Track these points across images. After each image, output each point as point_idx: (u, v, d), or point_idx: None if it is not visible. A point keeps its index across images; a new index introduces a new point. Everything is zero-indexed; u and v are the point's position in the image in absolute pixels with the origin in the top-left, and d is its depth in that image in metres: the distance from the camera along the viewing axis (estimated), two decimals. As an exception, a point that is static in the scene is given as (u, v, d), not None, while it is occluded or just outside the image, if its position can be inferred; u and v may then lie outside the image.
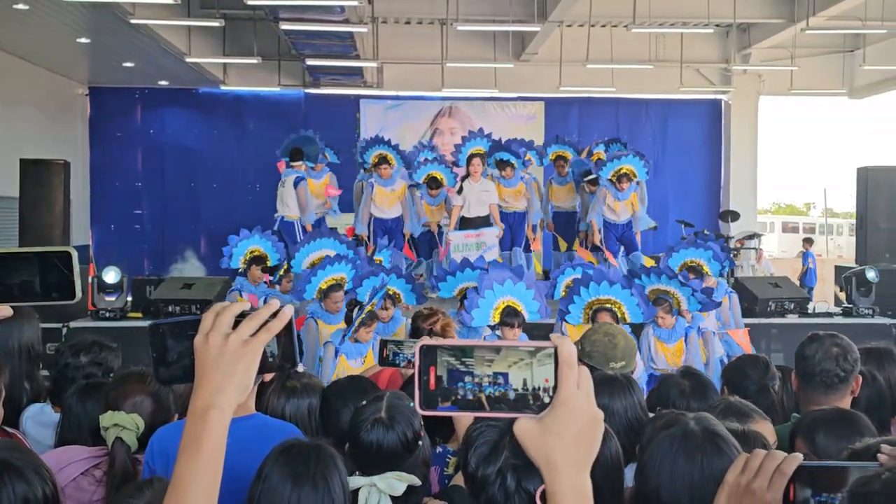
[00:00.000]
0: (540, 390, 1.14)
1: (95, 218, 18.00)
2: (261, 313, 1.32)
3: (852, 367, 3.24)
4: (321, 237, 8.41)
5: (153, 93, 18.15)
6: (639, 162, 10.84)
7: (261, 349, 1.31)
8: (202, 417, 1.28)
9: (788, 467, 1.37)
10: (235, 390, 1.30)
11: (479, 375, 1.13)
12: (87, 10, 12.07)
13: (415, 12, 16.34)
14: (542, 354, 1.14)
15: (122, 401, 2.87)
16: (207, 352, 1.29)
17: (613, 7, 15.51)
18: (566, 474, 1.17)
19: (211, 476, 1.29)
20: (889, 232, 12.34)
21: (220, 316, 1.31)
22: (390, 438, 2.50)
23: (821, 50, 18.12)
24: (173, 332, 1.36)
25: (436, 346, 1.15)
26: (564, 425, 1.15)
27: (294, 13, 11.88)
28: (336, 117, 17.51)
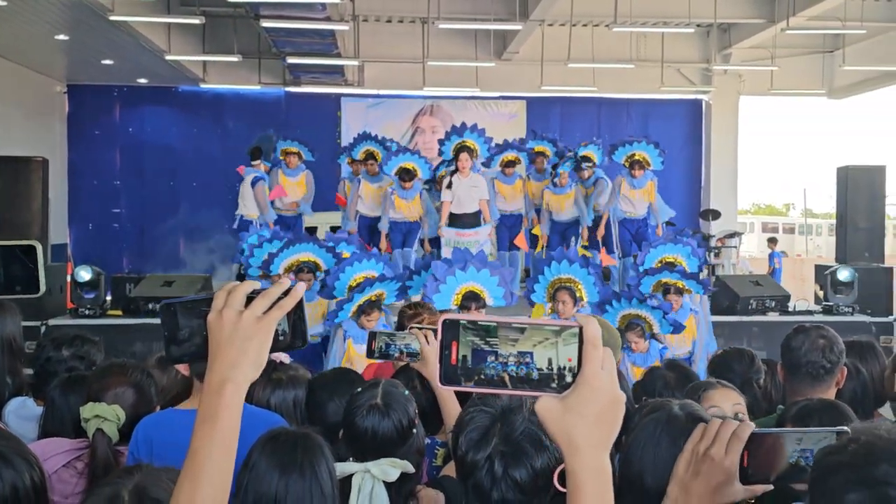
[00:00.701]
0: (565, 370, 1.14)
1: (74, 216, 17.86)
2: (272, 291, 1.34)
3: (838, 358, 3.27)
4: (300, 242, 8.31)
5: (132, 90, 18.04)
6: (653, 150, 10.75)
7: (273, 326, 1.33)
8: (218, 392, 1.31)
9: (743, 433, 1.42)
10: (251, 366, 1.32)
11: (504, 355, 1.13)
12: (65, 7, 11.97)
13: (396, 10, 16.32)
14: (567, 334, 1.13)
15: (103, 392, 2.87)
16: (222, 328, 1.31)
17: (595, 6, 15.56)
18: (587, 454, 1.17)
19: (227, 449, 1.31)
20: (868, 231, 12.42)
21: (233, 294, 1.33)
22: (385, 425, 2.50)
23: (801, 50, 18.25)
24: (184, 311, 1.37)
25: (458, 320, 1.14)
26: (587, 404, 1.15)
27: (275, 11, 11.85)
28: (317, 116, 17.47)
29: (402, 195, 10.65)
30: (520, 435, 1.82)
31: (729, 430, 1.44)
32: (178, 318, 1.37)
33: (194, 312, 1.36)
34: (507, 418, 1.84)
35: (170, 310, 1.37)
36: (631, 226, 10.85)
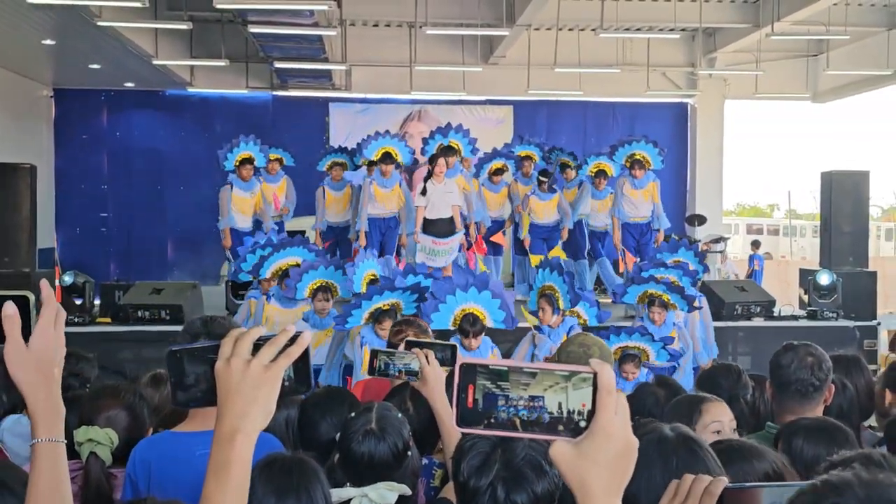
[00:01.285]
0: (574, 413, 1.16)
1: (61, 221, 17.80)
2: (279, 339, 1.36)
3: (826, 375, 3.31)
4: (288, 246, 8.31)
5: (119, 95, 17.98)
6: (653, 149, 10.73)
7: (281, 374, 1.35)
8: (229, 441, 1.33)
9: (716, 489, 1.42)
10: (260, 414, 1.34)
11: (515, 399, 1.15)
12: (52, 12, 11.94)
13: (383, 15, 16.34)
14: (577, 378, 1.16)
15: (96, 415, 2.88)
16: (230, 377, 1.33)
17: (581, 11, 15.63)
18: (600, 499, 1.18)
19: (239, 497, 1.33)
20: (852, 235, 12.51)
21: (240, 342, 1.35)
22: (382, 449, 2.54)
23: (785, 54, 18.37)
24: (191, 358, 1.39)
25: (475, 364, 1.16)
26: (601, 451, 1.16)
27: (263, 16, 11.84)
28: (304, 120, 17.48)
29: (382, 183, 10.43)
30: (521, 461, 1.86)
31: (702, 487, 1.44)
32: (184, 364, 1.39)
33: (201, 359, 1.38)
34: (507, 444, 1.88)
35: (176, 356, 1.39)
36: (635, 230, 10.81)
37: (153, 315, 9.52)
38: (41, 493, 1.49)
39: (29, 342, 1.49)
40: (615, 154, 10.84)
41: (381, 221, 10.64)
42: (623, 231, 10.84)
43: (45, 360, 1.52)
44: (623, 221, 10.85)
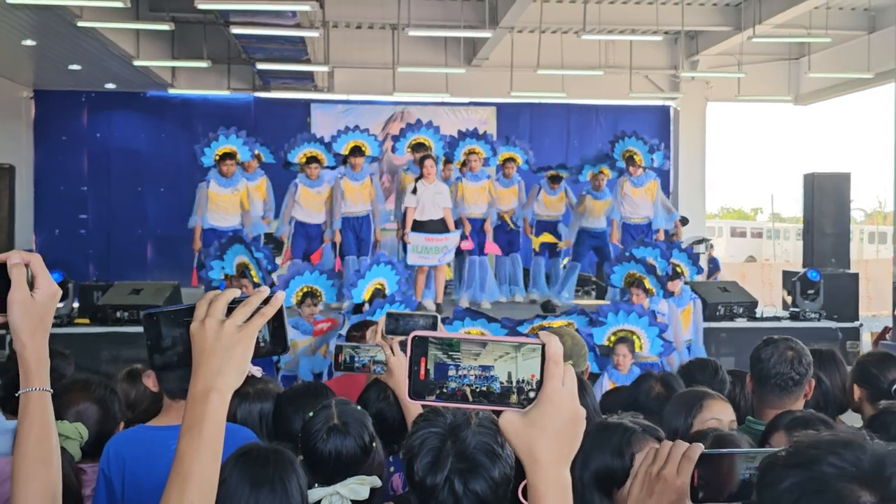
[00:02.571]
0: (524, 384, 1.18)
1: (40, 222, 17.66)
2: (252, 300, 1.38)
3: (806, 370, 3.30)
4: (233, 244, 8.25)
5: (100, 96, 17.87)
6: (643, 146, 10.70)
7: (255, 334, 1.37)
8: (203, 399, 1.34)
9: (694, 454, 1.46)
10: (234, 374, 1.36)
11: (466, 368, 1.16)
12: (32, 12, 11.85)
13: (366, 17, 16.30)
14: (526, 349, 1.17)
15: (65, 409, 2.86)
16: (204, 337, 1.35)
17: (564, 14, 15.66)
18: (548, 468, 1.21)
19: (212, 456, 1.34)
20: (835, 237, 12.59)
21: (214, 303, 1.37)
22: (349, 444, 2.51)
23: (767, 57, 18.45)
24: (167, 320, 1.41)
25: (427, 337, 1.18)
26: (549, 420, 1.19)
27: (245, 17, 11.79)
28: (286, 121, 17.40)
29: (353, 177, 10.29)
30: (473, 449, 1.85)
31: (680, 451, 1.48)
32: (161, 327, 1.40)
33: (177, 322, 1.39)
34: (456, 435, 1.87)
35: (152, 319, 1.41)
36: (635, 232, 10.70)
37: (132, 316, 9.45)
38: (33, 441, 1.51)
39: (33, 290, 1.50)
40: (614, 149, 10.83)
41: (354, 221, 10.49)
42: (623, 232, 10.78)
43: (48, 309, 1.53)
44: (623, 222, 10.81)
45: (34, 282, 1.51)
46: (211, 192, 10.18)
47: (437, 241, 9.98)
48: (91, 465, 2.82)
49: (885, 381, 3.50)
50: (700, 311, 8.94)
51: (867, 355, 3.78)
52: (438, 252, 10.00)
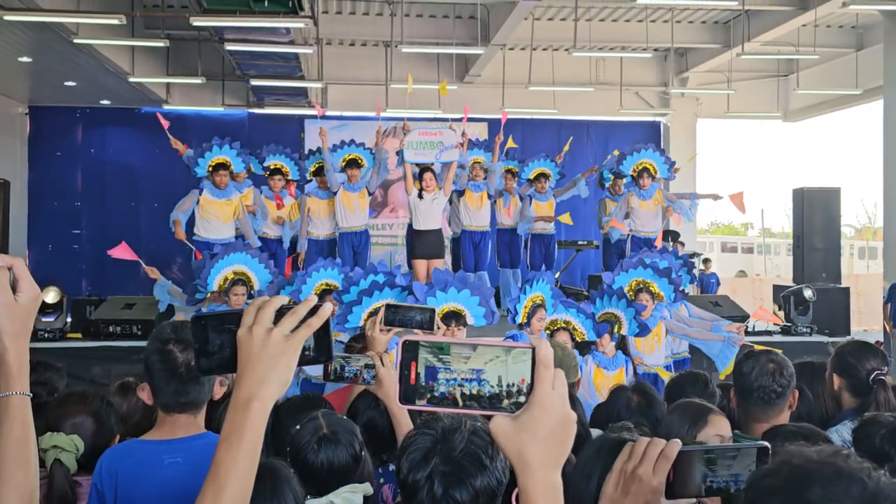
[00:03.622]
0: (514, 388, 1.17)
1: (33, 238, 17.67)
2: (300, 309, 1.38)
3: (788, 381, 3.31)
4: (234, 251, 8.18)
5: (95, 112, 17.92)
6: (659, 157, 10.71)
7: (301, 344, 1.37)
8: (245, 407, 1.34)
9: (672, 452, 1.44)
10: (278, 383, 1.35)
11: (455, 371, 1.16)
12: (29, 29, 11.92)
13: (360, 34, 16.42)
14: (516, 352, 1.17)
15: (61, 421, 2.84)
16: (251, 344, 1.34)
17: (555, 31, 15.81)
18: (538, 472, 1.20)
19: (250, 464, 1.34)
20: (825, 251, 12.65)
21: (262, 310, 1.37)
22: (340, 454, 2.51)
23: (756, 74, 18.60)
24: (215, 325, 1.41)
25: (417, 341, 1.17)
26: (539, 424, 1.18)
27: (239, 34, 11.87)
28: (280, 137, 17.38)
29: (349, 188, 10.32)
30: (460, 454, 1.82)
31: (657, 449, 1.45)
32: (208, 331, 1.41)
33: (223, 327, 1.40)
34: (447, 439, 1.85)
35: (201, 322, 1.41)
36: (644, 245, 10.64)
37: (125, 330, 9.48)
38: (12, 445, 1.50)
39: (16, 294, 1.50)
40: (622, 164, 10.81)
41: (352, 236, 10.54)
42: (632, 245, 10.78)
43: (30, 312, 1.52)
44: (632, 236, 10.81)
45: (16, 285, 1.51)
46: (204, 198, 10.09)
47: (431, 134, 10.01)
48: (86, 478, 2.77)
49: (864, 371, 3.51)
50: None
51: (845, 345, 3.75)
52: (434, 147, 9.92)
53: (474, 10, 15.01)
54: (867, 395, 3.46)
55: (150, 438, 2.72)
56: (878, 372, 3.47)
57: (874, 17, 14.80)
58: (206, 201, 10.09)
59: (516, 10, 13.11)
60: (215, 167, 10.10)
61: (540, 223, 11.47)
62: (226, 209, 10.14)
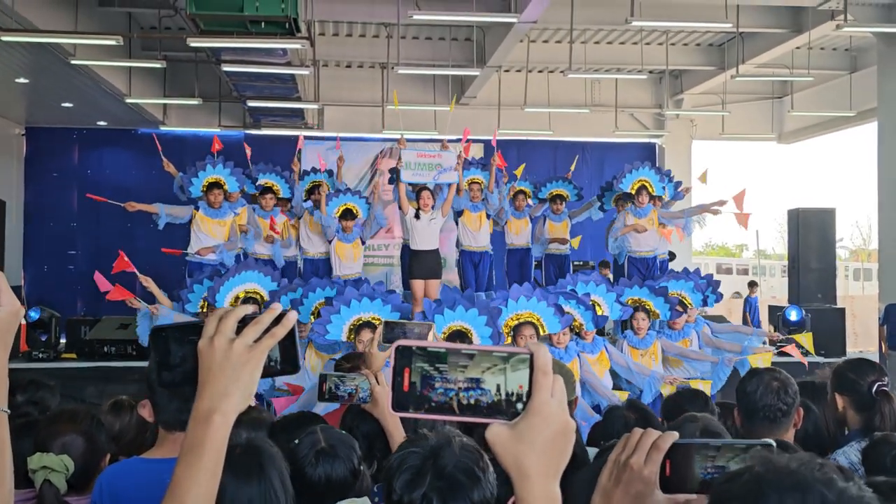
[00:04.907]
0: (513, 396, 1.13)
1: (29, 258, 17.66)
2: (264, 318, 1.32)
3: (793, 399, 3.27)
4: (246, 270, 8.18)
5: (91, 133, 17.96)
6: (654, 175, 10.65)
7: (265, 354, 1.31)
8: (206, 421, 1.29)
9: (664, 443, 1.39)
10: (240, 396, 1.30)
11: (453, 380, 1.12)
12: (27, 51, 11.96)
13: (356, 56, 16.49)
14: (515, 360, 1.13)
15: (51, 440, 2.80)
16: (212, 356, 1.29)
17: (550, 53, 15.90)
18: (536, 482, 1.16)
19: (211, 479, 1.30)
20: (820, 272, 12.65)
21: (224, 320, 1.32)
22: (339, 468, 2.49)
23: (751, 96, 18.70)
24: (176, 337, 1.37)
25: (411, 347, 1.13)
26: (537, 433, 1.14)
27: (236, 55, 11.91)
28: (276, 158, 17.44)
29: (343, 238, 10.26)
30: (453, 468, 1.80)
31: (650, 440, 1.40)
32: (170, 343, 1.36)
33: (185, 339, 1.35)
34: (437, 455, 1.83)
35: (161, 334, 1.37)
36: (641, 264, 10.63)
37: (119, 350, 9.45)
38: None
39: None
40: (622, 181, 10.79)
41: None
42: (629, 265, 10.70)
43: (11, 326, 1.43)
44: (629, 255, 10.80)
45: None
46: (199, 215, 10.04)
47: (430, 157, 9.91)
48: (76, 498, 2.76)
49: (865, 384, 3.46)
50: None
51: (843, 363, 3.72)
52: (432, 169, 9.84)
53: (470, 32, 15.12)
54: (872, 409, 3.42)
55: (152, 457, 2.66)
56: (880, 383, 3.43)
57: (868, 39, 14.91)
58: (201, 218, 10.07)
59: (512, 33, 13.18)
60: (209, 186, 10.06)
61: (555, 243, 11.48)
62: (220, 229, 10.09)
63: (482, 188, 10.92)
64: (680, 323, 8.00)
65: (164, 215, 10.00)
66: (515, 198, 11.58)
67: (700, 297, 8.35)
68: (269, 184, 10.78)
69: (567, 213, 11.65)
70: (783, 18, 13.89)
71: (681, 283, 8.34)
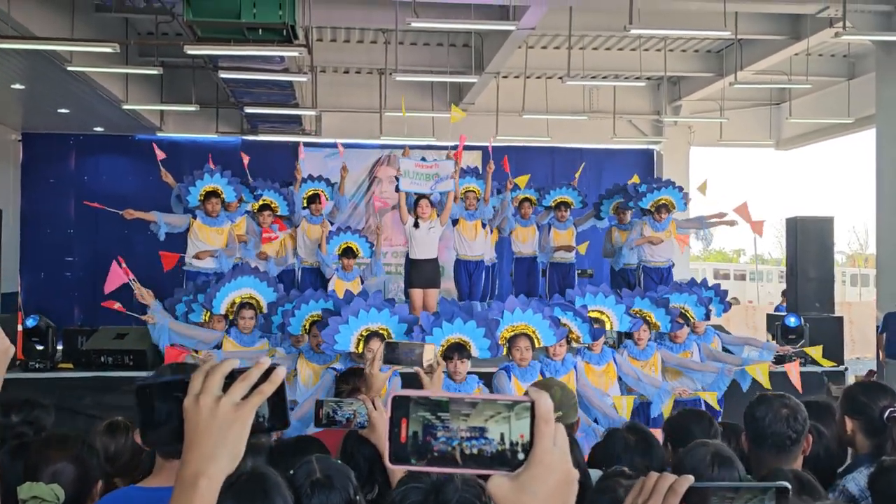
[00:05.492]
0: (517, 446, 1.10)
1: (25, 265, 17.62)
2: (251, 375, 1.27)
3: (802, 427, 3.22)
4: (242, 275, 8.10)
5: (88, 139, 17.92)
6: (678, 194, 10.70)
7: (252, 413, 1.26)
8: (192, 486, 1.23)
9: (680, 487, 1.35)
10: (227, 458, 1.25)
11: (455, 430, 1.09)
12: (23, 57, 11.92)
13: (354, 62, 16.48)
14: (519, 408, 1.10)
15: (41, 468, 2.77)
16: (198, 415, 1.25)
17: (548, 60, 15.90)
18: None
19: None
20: (818, 281, 12.62)
21: (210, 377, 1.27)
22: (334, 498, 2.45)
23: (749, 103, 18.71)
24: (161, 393, 1.32)
25: (409, 397, 1.10)
26: (540, 483, 1.10)
27: (234, 62, 11.88)
28: (274, 164, 17.44)
29: (342, 276, 10.27)
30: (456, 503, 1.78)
31: (666, 484, 1.37)
32: (154, 400, 1.32)
33: (170, 395, 1.30)
34: (440, 491, 1.80)
35: (146, 392, 1.32)
36: (655, 274, 10.66)
37: (116, 360, 9.40)
38: None
39: None
40: (642, 200, 10.77)
41: None
42: (644, 275, 10.73)
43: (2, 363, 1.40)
44: (643, 265, 10.78)
45: None
46: (198, 223, 10.04)
47: (428, 167, 9.88)
48: None
49: (877, 409, 3.40)
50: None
51: (854, 386, 3.68)
52: (430, 179, 9.83)
53: (468, 38, 15.11)
54: (882, 434, 3.37)
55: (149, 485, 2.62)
56: (892, 409, 3.37)
57: (866, 45, 14.91)
58: (198, 226, 10.05)
59: (510, 39, 13.18)
60: (206, 195, 10.06)
61: (560, 252, 11.45)
62: (218, 237, 10.08)
63: (478, 197, 10.90)
64: (682, 335, 7.97)
65: (163, 224, 10.02)
66: (521, 206, 11.57)
67: (703, 311, 8.32)
68: (267, 201, 10.75)
69: (572, 221, 11.64)
70: (782, 26, 13.89)
71: (683, 295, 8.30)
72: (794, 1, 12.35)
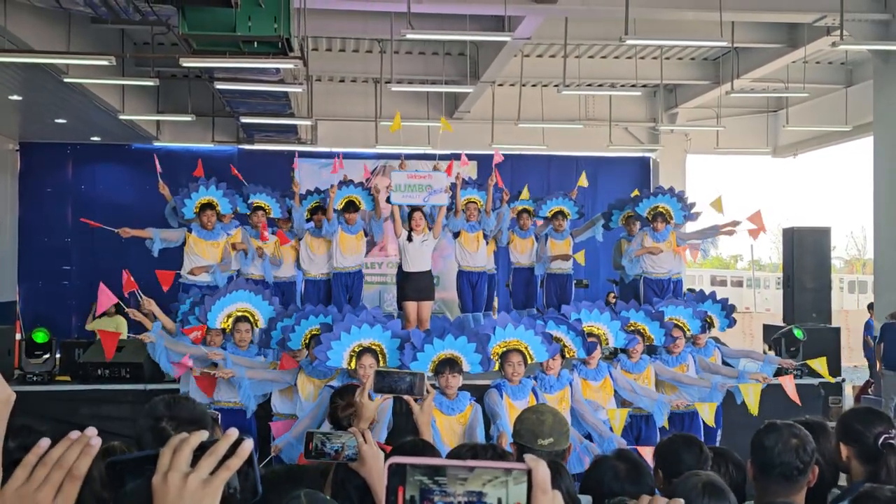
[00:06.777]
0: None
1: (23, 274, 17.62)
2: (219, 448, 1.27)
3: (810, 457, 3.18)
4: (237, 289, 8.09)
5: (85, 148, 17.93)
6: (676, 203, 10.63)
7: (220, 489, 1.26)
8: None
9: None
10: None
11: (452, 494, 1.08)
12: (20, 69, 11.91)
13: (349, 71, 16.49)
14: (517, 473, 1.09)
15: None
16: (167, 493, 1.24)
17: (544, 68, 15.92)
18: None
19: None
20: (815, 292, 12.60)
21: (179, 453, 1.26)
22: None
23: (745, 110, 18.73)
24: (131, 469, 1.32)
25: (405, 464, 1.09)
26: None
27: (229, 73, 11.89)
28: (270, 174, 17.43)
29: (347, 230, 10.23)
30: None
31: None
32: (125, 476, 1.32)
33: (140, 471, 1.30)
34: None
35: (116, 468, 1.32)
36: (656, 286, 10.58)
37: (113, 373, 9.39)
38: None
39: None
40: (638, 206, 10.75)
41: (345, 276, 10.43)
42: (645, 286, 10.64)
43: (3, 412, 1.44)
44: (644, 276, 10.72)
45: None
46: (193, 237, 10.00)
47: (421, 178, 9.83)
48: None
49: (871, 436, 3.39)
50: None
51: (849, 412, 3.65)
52: (422, 190, 9.77)
53: (464, 47, 15.12)
54: (876, 460, 3.36)
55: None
56: (887, 436, 3.36)
57: (863, 54, 14.93)
58: (194, 240, 10.03)
59: (506, 48, 13.19)
60: (202, 207, 10.01)
61: (557, 262, 11.43)
62: (213, 250, 10.04)
63: (479, 208, 10.88)
64: (678, 348, 7.98)
65: (159, 240, 10.04)
66: (519, 217, 11.51)
67: (699, 324, 8.32)
68: (259, 203, 10.70)
69: (570, 231, 11.61)
70: (778, 34, 13.91)
71: (679, 308, 8.29)
72: (791, 10, 12.35)
